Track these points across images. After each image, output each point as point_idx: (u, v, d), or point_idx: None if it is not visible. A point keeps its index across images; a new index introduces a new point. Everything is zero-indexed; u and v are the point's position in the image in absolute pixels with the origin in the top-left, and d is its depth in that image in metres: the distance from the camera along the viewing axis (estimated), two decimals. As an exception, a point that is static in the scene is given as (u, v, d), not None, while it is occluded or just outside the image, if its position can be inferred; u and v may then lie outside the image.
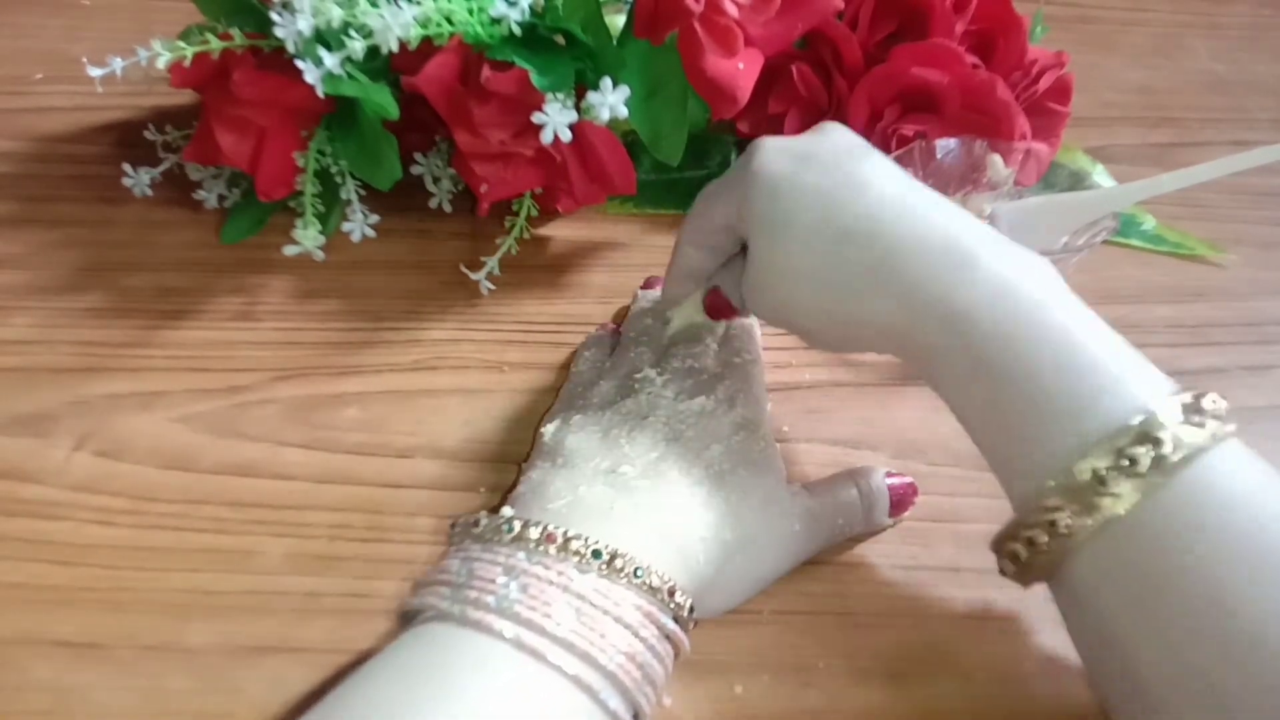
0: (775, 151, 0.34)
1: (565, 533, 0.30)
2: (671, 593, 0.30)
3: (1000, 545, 0.31)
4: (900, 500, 0.39)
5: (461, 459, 0.41)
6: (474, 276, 0.48)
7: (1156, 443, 0.27)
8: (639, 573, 0.30)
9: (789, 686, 0.34)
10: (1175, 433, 0.27)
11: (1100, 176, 0.60)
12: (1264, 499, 0.27)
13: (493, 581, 0.29)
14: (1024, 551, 0.30)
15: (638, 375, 0.39)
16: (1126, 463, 0.27)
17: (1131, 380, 0.29)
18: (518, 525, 0.31)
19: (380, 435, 0.42)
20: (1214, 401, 0.29)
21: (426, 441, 0.42)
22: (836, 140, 0.35)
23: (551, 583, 0.29)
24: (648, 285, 0.47)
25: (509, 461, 0.41)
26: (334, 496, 0.39)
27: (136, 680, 0.33)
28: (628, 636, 0.29)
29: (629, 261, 0.51)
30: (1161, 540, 0.27)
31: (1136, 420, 0.28)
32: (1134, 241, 0.55)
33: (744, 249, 0.37)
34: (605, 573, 0.30)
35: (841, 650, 0.35)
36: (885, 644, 0.36)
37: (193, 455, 0.40)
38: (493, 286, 0.49)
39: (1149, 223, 0.56)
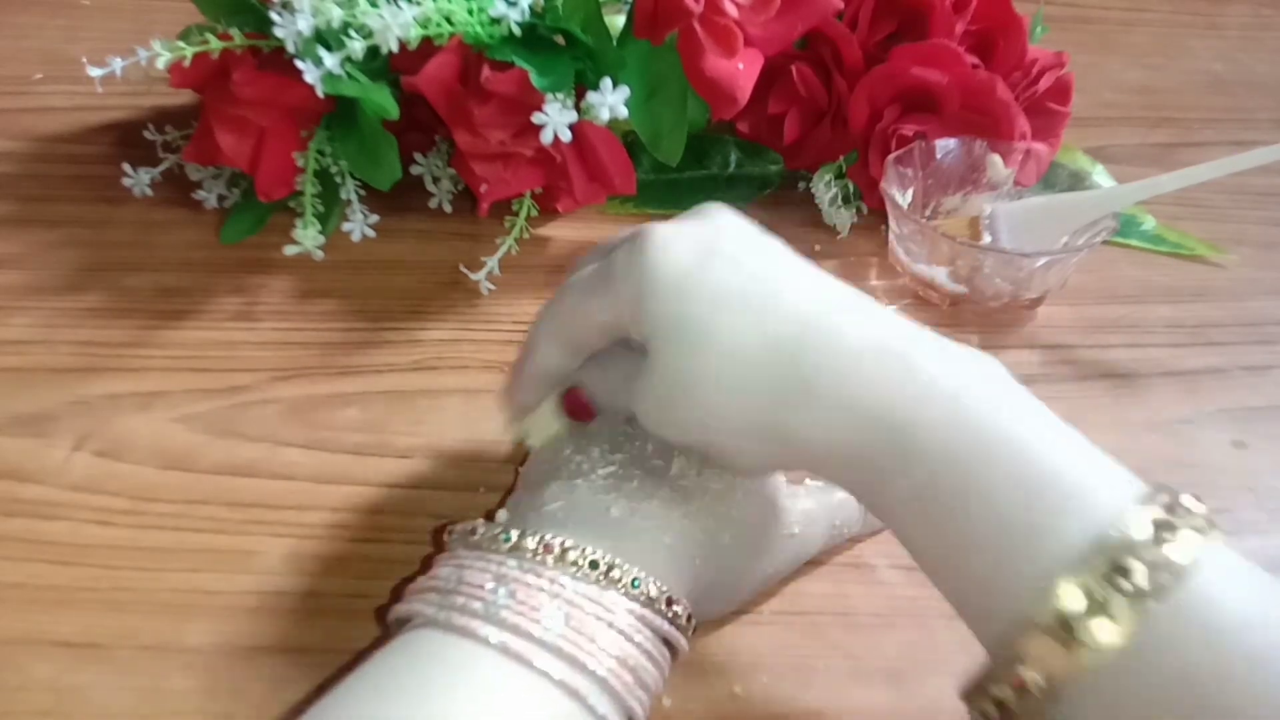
0: (671, 243, 0.30)
1: (563, 543, 0.30)
2: (669, 602, 0.30)
3: (971, 699, 0.27)
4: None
5: (461, 459, 0.41)
6: (474, 276, 0.48)
7: (1126, 572, 0.24)
8: (636, 583, 0.30)
9: (789, 686, 0.34)
10: (1150, 554, 0.24)
11: (1100, 176, 0.60)
12: (1263, 624, 0.24)
13: (481, 588, 0.29)
14: (994, 711, 0.26)
15: None
16: (1097, 597, 0.24)
17: (1094, 490, 0.26)
18: (514, 535, 0.30)
19: (380, 435, 0.42)
20: (1191, 505, 0.26)
21: (426, 441, 0.41)
22: (730, 227, 0.31)
23: (542, 589, 0.29)
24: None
25: (509, 461, 0.41)
26: (334, 496, 0.39)
27: (136, 680, 0.33)
28: (620, 641, 0.29)
29: (629, 261, 0.51)
30: (1146, 692, 0.24)
31: (1104, 541, 0.25)
32: (1134, 241, 0.55)
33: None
34: (602, 582, 0.30)
35: (841, 650, 0.35)
36: (885, 644, 0.36)
37: (192, 455, 0.40)
38: (493, 286, 0.49)
39: (1149, 223, 0.56)
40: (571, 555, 0.30)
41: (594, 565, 0.30)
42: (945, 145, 0.51)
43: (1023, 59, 0.53)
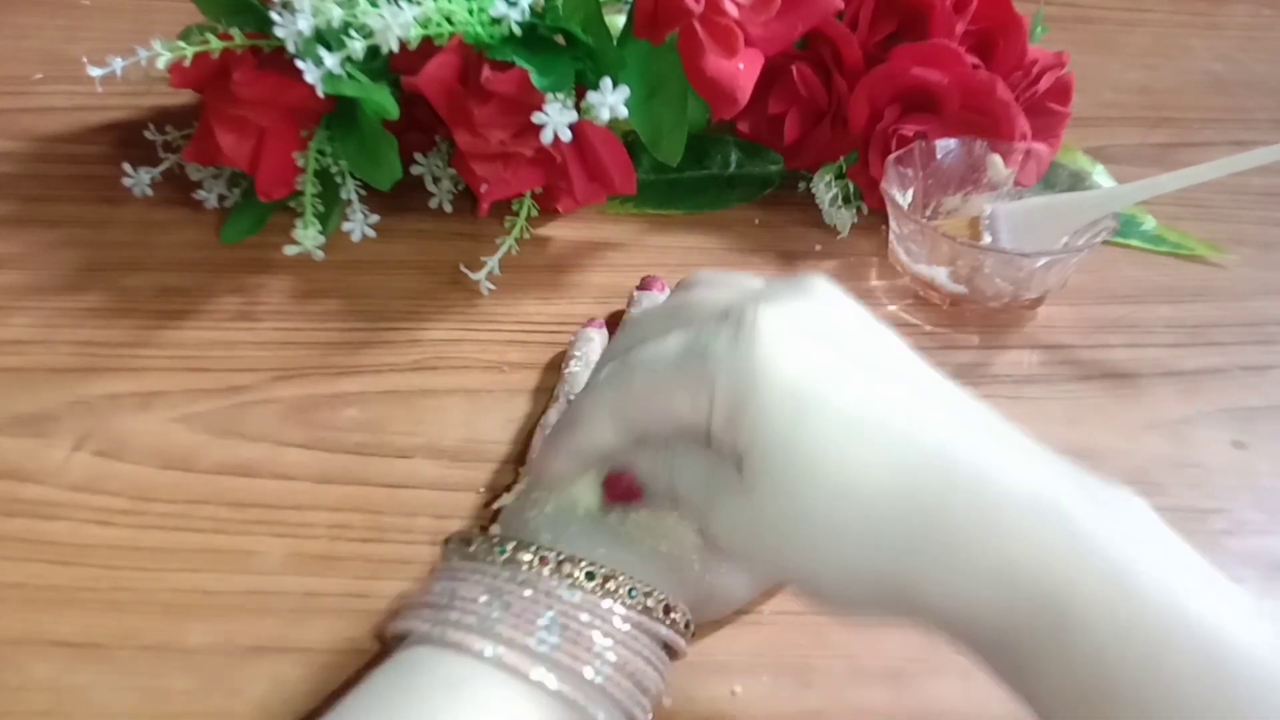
0: (783, 339, 0.26)
1: (559, 555, 0.30)
2: (667, 609, 0.30)
3: None
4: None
5: (461, 459, 0.41)
6: (474, 276, 0.48)
7: None
8: (633, 593, 0.29)
9: (789, 686, 0.34)
10: None
11: (1100, 176, 0.60)
12: None
13: (475, 601, 0.29)
14: None
15: None
16: None
17: None
18: (509, 547, 0.30)
19: (380, 435, 0.42)
20: None
21: (426, 441, 0.41)
22: (845, 316, 0.27)
23: (536, 601, 0.29)
24: (644, 286, 0.47)
25: (509, 461, 0.41)
26: (334, 496, 0.39)
27: (136, 680, 0.33)
28: (617, 648, 0.29)
29: (629, 261, 0.51)
30: None
31: None
32: (1134, 241, 0.55)
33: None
34: (598, 593, 0.29)
35: (841, 650, 0.35)
36: (885, 644, 0.36)
37: (192, 455, 0.40)
38: (493, 286, 0.49)
39: (1149, 223, 0.56)
40: (567, 567, 0.29)
41: (590, 576, 0.29)
42: (945, 145, 0.51)
43: (1023, 59, 0.53)
